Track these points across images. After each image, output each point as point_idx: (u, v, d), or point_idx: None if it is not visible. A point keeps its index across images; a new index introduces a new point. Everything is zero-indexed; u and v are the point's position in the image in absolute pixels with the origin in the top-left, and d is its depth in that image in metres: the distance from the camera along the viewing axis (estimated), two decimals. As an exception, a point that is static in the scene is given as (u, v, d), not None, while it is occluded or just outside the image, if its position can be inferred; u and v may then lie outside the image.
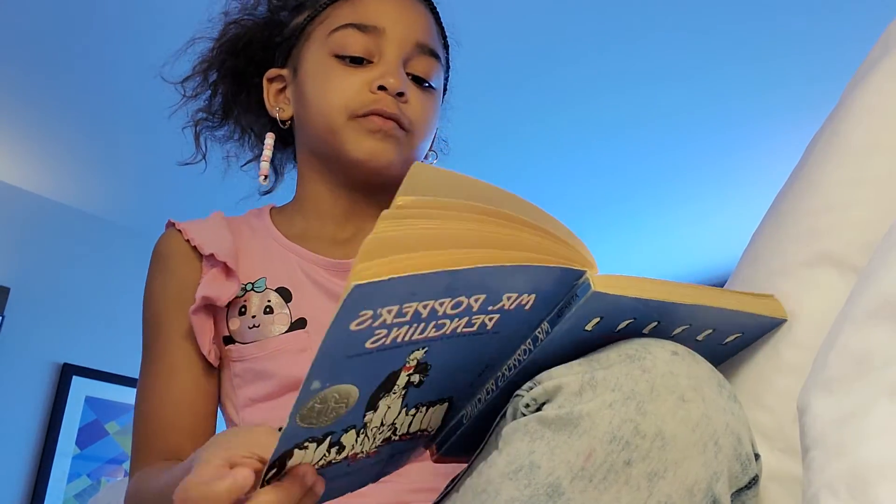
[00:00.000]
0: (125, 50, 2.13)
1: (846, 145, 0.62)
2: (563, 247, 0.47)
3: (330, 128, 0.80)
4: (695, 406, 0.46)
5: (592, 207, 3.11)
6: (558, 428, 0.47)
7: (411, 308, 0.42)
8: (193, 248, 0.82)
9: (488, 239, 0.44)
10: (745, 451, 0.48)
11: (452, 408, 0.57)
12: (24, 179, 2.87)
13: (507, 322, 0.49)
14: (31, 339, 2.86)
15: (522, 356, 0.52)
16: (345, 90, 0.79)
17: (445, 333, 0.46)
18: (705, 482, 0.45)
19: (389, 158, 0.79)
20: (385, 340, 0.43)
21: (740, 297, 0.53)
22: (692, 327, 0.52)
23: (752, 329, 0.54)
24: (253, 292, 0.80)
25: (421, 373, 0.50)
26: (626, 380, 0.46)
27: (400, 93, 0.79)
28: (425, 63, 0.83)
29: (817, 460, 0.43)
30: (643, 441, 0.45)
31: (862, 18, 1.98)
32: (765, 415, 0.56)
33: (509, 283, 0.45)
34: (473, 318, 0.46)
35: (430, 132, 0.85)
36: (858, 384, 0.44)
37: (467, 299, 0.44)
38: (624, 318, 0.50)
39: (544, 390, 0.49)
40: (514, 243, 0.45)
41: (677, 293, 0.49)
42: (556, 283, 0.47)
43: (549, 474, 0.46)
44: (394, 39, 0.81)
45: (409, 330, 0.44)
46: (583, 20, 2.07)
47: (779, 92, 2.38)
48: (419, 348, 0.47)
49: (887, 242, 0.50)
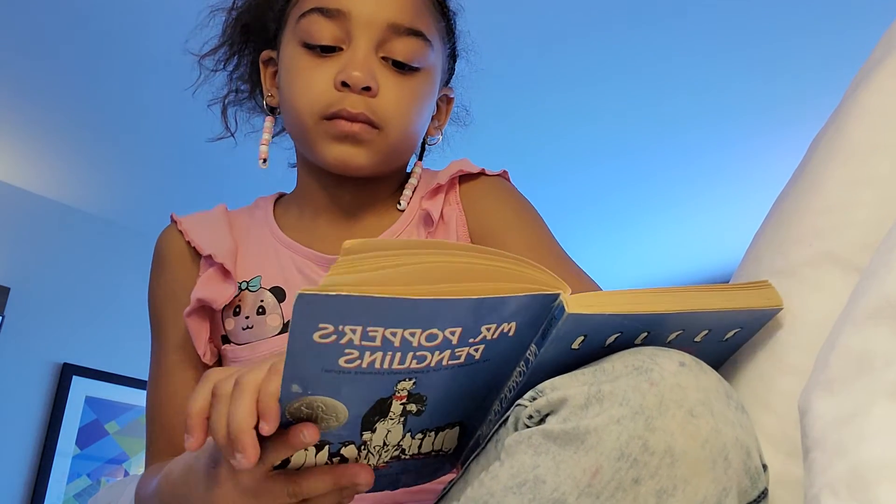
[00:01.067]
0: (125, 49, 2.13)
1: (849, 145, 0.62)
2: (535, 270, 0.47)
3: (300, 128, 0.77)
4: (704, 421, 0.45)
5: (590, 204, 3.11)
6: (564, 443, 0.46)
7: (377, 332, 0.43)
8: (191, 246, 0.81)
9: (450, 273, 0.44)
10: (755, 464, 0.47)
11: (466, 430, 0.57)
12: (24, 179, 2.87)
13: (495, 349, 0.49)
14: (31, 339, 2.86)
15: (519, 378, 0.52)
16: (311, 88, 0.74)
17: (431, 366, 0.47)
18: (714, 498, 0.44)
19: (359, 163, 0.75)
20: (360, 363, 0.44)
21: (731, 292, 0.51)
22: (686, 332, 0.51)
23: (750, 322, 0.53)
24: (248, 291, 0.79)
25: (417, 403, 0.50)
26: (634, 394, 0.45)
27: (366, 87, 0.73)
28: (404, 44, 0.75)
29: (818, 461, 0.43)
30: (652, 458, 0.44)
31: (860, 12, 1.98)
32: (769, 417, 0.55)
33: (483, 315, 0.45)
34: (457, 351, 0.47)
35: (417, 119, 0.78)
36: (859, 385, 0.44)
37: (442, 332, 0.45)
38: (609, 334, 0.49)
39: (548, 402, 0.48)
40: (479, 274, 0.44)
41: (661, 303, 0.48)
42: (532, 309, 0.47)
43: (555, 490, 0.45)
44: (360, 23, 0.74)
45: (386, 357, 0.45)
46: (582, 5, 2.07)
47: (781, 86, 2.38)
48: (405, 379, 0.47)
49: (888, 243, 0.49)
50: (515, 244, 0.78)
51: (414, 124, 0.78)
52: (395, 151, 0.78)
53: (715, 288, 0.50)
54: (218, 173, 2.63)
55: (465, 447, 0.59)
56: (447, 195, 0.81)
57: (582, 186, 2.96)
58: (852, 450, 0.41)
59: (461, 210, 0.81)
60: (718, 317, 0.50)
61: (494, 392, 0.54)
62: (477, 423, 0.57)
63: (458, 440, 0.58)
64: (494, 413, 0.55)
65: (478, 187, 0.83)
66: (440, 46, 0.81)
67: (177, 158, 2.68)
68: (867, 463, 0.40)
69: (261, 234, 0.84)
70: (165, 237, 0.85)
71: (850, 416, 0.43)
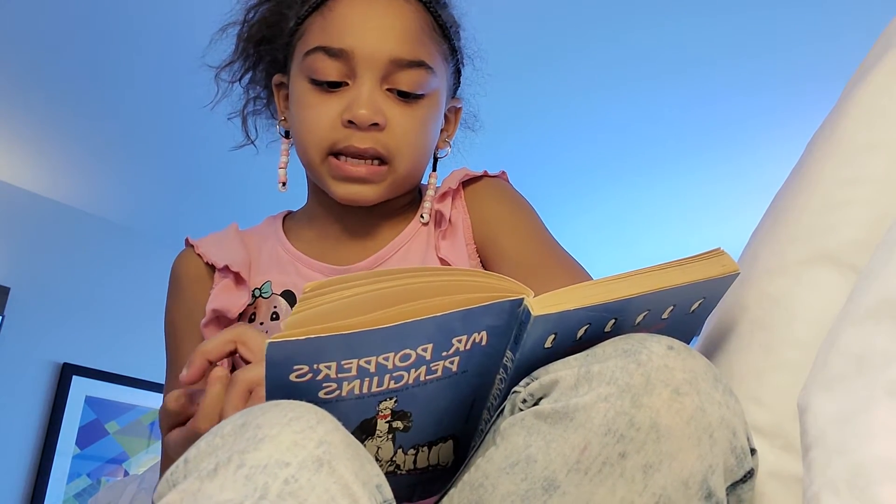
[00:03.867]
0: (125, 50, 2.13)
1: (845, 144, 0.62)
2: (495, 279, 0.48)
3: (310, 163, 0.78)
4: (689, 399, 0.46)
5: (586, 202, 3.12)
6: (554, 421, 0.47)
7: (352, 363, 0.45)
8: (207, 264, 0.82)
9: (411, 293, 0.45)
10: (741, 444, 0.48)
11: (460, 443, 0.58)
12: (24, 179, 2.87)
13: (471, 359, 0.50)
14: (31, 339, 2.86)
15: (501, 385, 0.53)
16: (318, 124, 0.75)
17: (409, 383, 0.48)
18: (700, 474, 0.46)
19: (368, 197, 0.77)
20: (340, 392, 0.46)
21: (687, 266, 0.51)
22: (652, 311, 0.52)
23: (711, 291, 0.53)
24: (261, 299, 0.80)
25: (402, 419, 0.51)
26: (622, 373, 0.46)
27: (374, 123, 0.74)
28: (408, 76, 0.76)
29: (818, 459, 0.43)
30: (638, 433, 0.45)
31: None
32: (763, 412, 0.56)
33: (452, 329, 0.46)
34: (433, 366, 0.48)
35: (425, 144, 0.80)
36: (859, 383, 0.44)
37: (414, 351, 0.46)
38: (579, 327, 0.50)
39: (541, 385, 0.50)
40: (440, 290, 0.45)
41: (621, 289, 0.49)
42: (499, 316, 0.48)
43: (545, 468, 0.47)
44: (364, 60, 0.74)
45: (364, 383, 0.46)
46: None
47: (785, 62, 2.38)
48: (386, 398, 0.49)
49: (888, 242, 0.50)
50: (511, 240, 0.80)
51: (423, 149, 0.80)
52: (406, 181, 0.80)
53: (672, 264, 0.51)
54: (218, 173, 2.63)
55: (462, 460, 0.60)
56: (454, 200, 0.83)
57: (580, 185, 2.96)
58: (852, 448, 0.41)
59: (466, 213, 0.83)
60: (680, 291, 0.51)
61: (480, 402, 0.55)
62: (469, 435, 0.58)
63: (454, 454, 0.59)
64: (484, 422, 0.56)
65: (479, 189, 0.84)
66: (443, 68, 0.82)
67: (178, 159, 2.67)
68: (867, 461, 0.40)
69: (271, 248, 0.85)
70: (181, 259, 0.86)
71: (850, 415, 0.43)
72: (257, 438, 0.40)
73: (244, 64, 0.87)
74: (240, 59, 0.86)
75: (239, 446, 0.40)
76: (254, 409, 0.43)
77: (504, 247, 0.80)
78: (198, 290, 0.82)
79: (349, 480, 0.40)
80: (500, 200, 0.83)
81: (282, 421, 0.41)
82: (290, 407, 0.42)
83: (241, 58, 0.86)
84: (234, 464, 0.39)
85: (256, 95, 0.88)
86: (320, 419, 0.42)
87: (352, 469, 0.41)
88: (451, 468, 0.60)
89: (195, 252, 0.84)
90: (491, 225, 0.81)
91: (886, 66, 0.63)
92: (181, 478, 0.41)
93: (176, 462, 0.43)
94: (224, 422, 0.43)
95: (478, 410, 0.56)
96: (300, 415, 0.41)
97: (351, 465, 0.41)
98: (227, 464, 0.39)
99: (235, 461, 0.39)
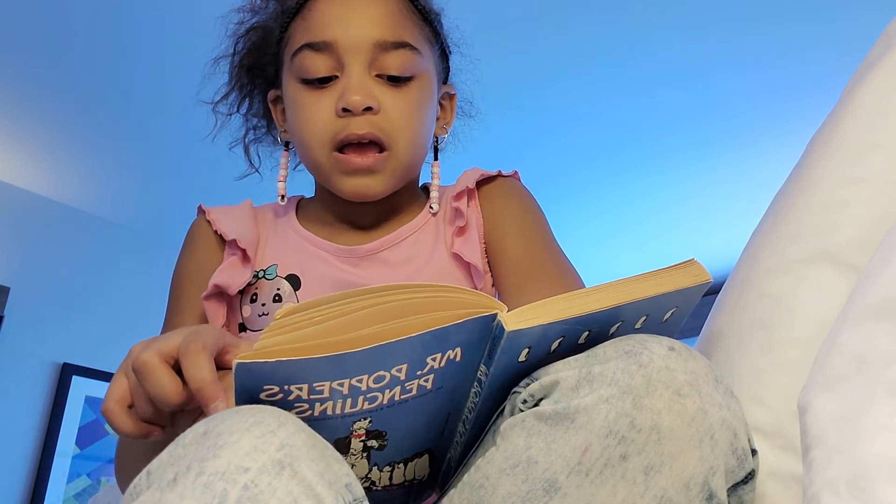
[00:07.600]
0: (125, 50, 2.13)
1: (845, 143, 0.62)
2: (468, 295, 0.48)
3: (314, 163, 0.79)
4: (690, 401, 0.46)
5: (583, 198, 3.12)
6: (555, 423, 0.47)
7: (324, 386, 0.44)
8: (218, 234, 0.83)
9: (384, 314, 0.45)
10: (742, 445, 0.48)
11: (435, 457, 0.58)
12: (24, 179, 2.87)
13: (445, 376, 0.50)
14: (31, 338, 2.86)
15: (476, 399, 0.53)
16: (316, 120, 0.77)
17: (384, 404, 0.48)
18: (701, 476, 0.46)
19: (376, 191, 0.78)
20: (312, 412, 0.46)
21: (659, 277, 0.52)
22: (625, 322, 0.52)
23: (684, 300, 0.54)
24: (264, 279, 0.81)
25: (377, 438, 0.51)
26: (623, 375, 0.46)
27: (368, 107, 0.75)
28: (394, 58, 0.77)
29: (818, 459, 0.43)
30: (639, 435, 0.45)
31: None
32: (764, 412, 0.56)
33: (426, 348, 0.46)
34: (408, 385, 0.48)
35: (422, 126, 0.81)
36: (859, 383, 0.44)
37: (388, 372, 0.46)
38: (553, 340, 0.50)
39: (541, 386, 0.50)
40: (414, 308, 0.45)
41: (594, 302, 0.49)
42: (473, 332, 0.48)
43: (546, 469, 0.47)
44: (348, 49, 0.76)
45: (336, 404, 0.46)
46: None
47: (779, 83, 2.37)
48: (360, 419, 0.49)
49: (888, 242, 0.50)
50: (513, 243, 0.81)
51: (420, 132, 0.80)
52: (408, 167, 0.80)
53: (644, 276, 0.51)
54: (218, 174, 2.62)
55: (438, 473, 0.60)
56: (469, 199, 0.84)
57: (579, 183, 2.96)
58: (853, 448, 0.41)
59: (479, 213, 0.84)
60: (652, 302, 0.51)
61: (455, 416, 0.55)
62: (444, 448, 0.58)
63: (429, 466, 0.59)
64: (460, 435, 0.56)
65: (492, 190, 0.85)
66: (429, 50, 0.83)
67: (178, 159, 2.67)
68: (868, 461, 0.40)
69: (283, 228, 0.86)
70: (196, 224, 0.88)
71: (850, 415, 0.43)
72: (217, 446, 0.40)
73: (240, 93, 0.89)
74: (235, 89, 0.88)
75: (199, 455, 0.40)
76: (215, 417, 0.43)
77: (506, 248, 0.80)
78: (209, 252, 0.84)
79: (313, 482, 0.40)
80: (510, 201, 0.84)
81: (241, 427, 0.40)
82: (251, 412, 0.42)
83: (235, 87, 0.88)
84: (193, 472, 0.39)
85: (255, 125, 0.91)
86: (282, 422, 0.41)
87: (316, 470, 0.40)
88: (429, 480, 0.60)
89: (206, 218, 0.85)
90: (498, 225, 0.82)
91: (887, 67, 0.63)
92: (144, 488, 0.41)
93: (139, 474, 0.43)
94: (186, 432, 0.43)
95: (453, 424, 0.56)
96: (261, 420, 0.41)
97: (315, 466, 0.40)
98: (187, 473, 0.39)
99: (195, 469, 0.39)
